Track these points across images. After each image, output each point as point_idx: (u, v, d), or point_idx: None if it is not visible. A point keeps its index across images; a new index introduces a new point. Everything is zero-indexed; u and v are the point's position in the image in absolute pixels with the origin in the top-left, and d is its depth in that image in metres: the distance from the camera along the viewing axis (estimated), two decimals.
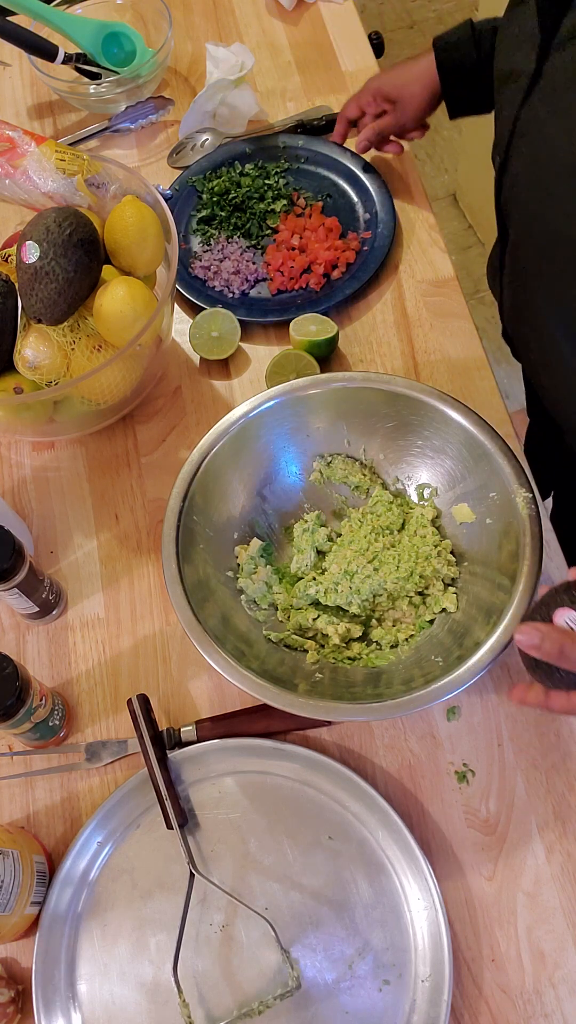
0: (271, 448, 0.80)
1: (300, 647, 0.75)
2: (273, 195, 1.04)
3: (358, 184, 1.04)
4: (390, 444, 0.81)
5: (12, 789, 0.75)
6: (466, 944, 0.66)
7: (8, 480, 0.91)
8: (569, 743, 0.72)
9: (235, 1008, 0.64)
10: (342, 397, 0.79)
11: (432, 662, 0.69)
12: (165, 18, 1.13)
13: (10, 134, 0.85)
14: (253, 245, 1.02)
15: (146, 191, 0.86)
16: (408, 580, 0.74)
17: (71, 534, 0.87)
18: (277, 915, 0.67)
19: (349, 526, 0.79)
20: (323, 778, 0.71)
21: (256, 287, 0.99)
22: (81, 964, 0.67)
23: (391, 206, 1.01)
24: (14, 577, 0.71)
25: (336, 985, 0.65)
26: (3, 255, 0.85)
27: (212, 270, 1.00)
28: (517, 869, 0.68)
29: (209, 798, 0.72)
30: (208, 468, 0.76)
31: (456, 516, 0.77)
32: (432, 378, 0.91)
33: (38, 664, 0.81)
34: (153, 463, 0.90)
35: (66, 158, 0.85)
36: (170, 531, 0.72)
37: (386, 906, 0.67)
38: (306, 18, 1.23)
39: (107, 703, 0.78)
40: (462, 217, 2.21)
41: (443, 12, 2.61)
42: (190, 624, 0.68)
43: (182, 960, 0.65)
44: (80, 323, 0.80)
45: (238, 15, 1.25)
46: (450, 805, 0.71)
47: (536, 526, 0.69)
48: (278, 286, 0.98)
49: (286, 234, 1.00)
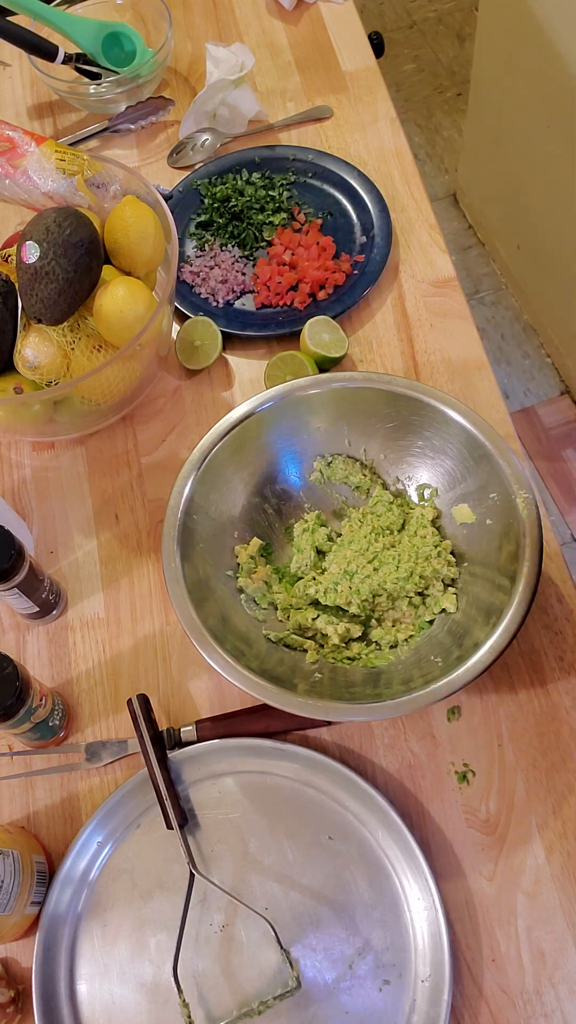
0: (271, 448, 0.80)
1: (299, 647, 0.75)
2: (274, 207, 1.04)
3: (361, 205, 1.02)
4: (390, 444, 0.81)
5: (12, 789, 0.75)
6: (466, 944, 0.66)
7: (8, 480, 0.91)
8: (569, 743, 0.72)
9: (235, 1008, 0.64)
10: (342, 397, 0.79)
11: (432, 662, 0.69)
12: (165, 18, 1.13)
13: (10, 134, 0.85)
14: (246, 256, 1.01)
15: (146, 191, 0.86)
16: (408, 580, 0.74)
17: (71, 534, 0.87)
18: (277, 915, 0.67)
19: (349, 526, 0.79)
20: (323, 778, 0.71)
21: (242, 298, 0.99)
22: (81, 964, 0.67)
23: (389, 231, 0.99)
24: (14, 577, 0.71)
25: (336, 985, 0.65)
26: (3, 255, 0.85)
27: (201, 276, 1.00)
28: (517, 869, 0.68)
29: (209, 798, 0.72)
30: (208, 468, 0.76)
31: (456, 517, 0.77)
32: (432, 378, 0.91)
33: (38, 664, 0.81)
34: (153, 463, 0.90)
35: (66, 158, 0.85)
36: (170, 531, 0.72)
37: (386, 906, 0.67)
38: (306, 18, 1.23)
39: (107, 703, 0.78)
40: (462, 217, 2.22)
41: (443, 12, 2.61)
42: (190, 624, 0.68)
43: (182, 960, 0.65)
44: (80, 323, 0.80)
45: (238, 15, 1.25)
46: (450, 805, 0.71)
47: (536, 527, 0.69)
48: (263, 300, 0.97)
49: (279, 248, 0.99)
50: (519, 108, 1.69)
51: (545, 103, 1.56)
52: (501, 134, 1.81)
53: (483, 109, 1.88)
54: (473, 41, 1.85)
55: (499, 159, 1.88)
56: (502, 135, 1.81)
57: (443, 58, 2.52)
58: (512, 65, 1.66)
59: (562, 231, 1.69)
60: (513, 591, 0.67)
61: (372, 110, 1.12)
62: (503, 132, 1.80)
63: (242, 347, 0.96)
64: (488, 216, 2.09)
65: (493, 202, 2.04)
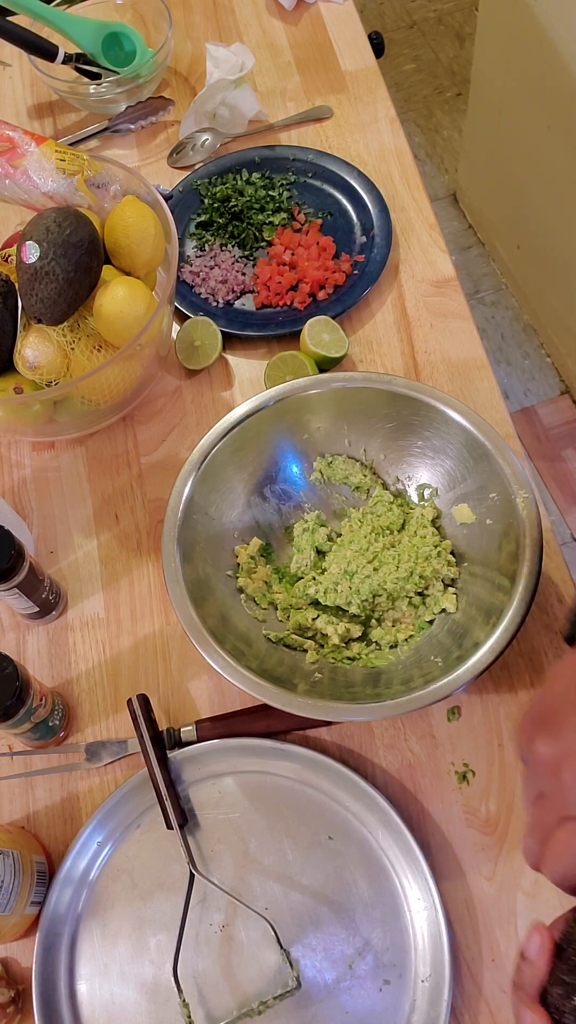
0: (271, 448, 0.80)
1: (299, 647, 0.75)
2: (274, 207, 1.04)
3: (361, 205, 1.02)
4: (390, 444, 0.81)
5: (12, 789, 0.75)
6: (466, 944, 0.66)
7: (8, 480, 0.91)
8: None
9: (235, 1008, 0.64)
10: (342, 397, 0.79)
11: (431, 662, 0.69)
12: (165, 18, 1.13)
13: (10, 134, 0.85)
14: (246, 256, 1.01)
15: (146, 191, 0.86)
16: (408, 580, 0.74)
17: (71, 534, 0.87)
18: (277, 915, 0.67)
19: (349, 526, 0.79)
20: (323, 778, 0.71)
21: (241, 298, 0.99)
22: (81, 964, 0.67)
23: (389, 231, 0.99)
24: (14, 577, 0.71)
25: (336, 985, 0.65)
26: (3, 255, 0.85)
27: (201, 276, 0.99)
28: (517, 869, 0.68)
29: (209, 798, 0.72)
30: (208, 468, 0.76)
31: (456, 517, 0.77)
32: (432, 378, 0.91)
33: (38, 664, 0.81)
34: (153, 463, 0.90)
35: (66, 158, 0.85)
36: (170, 531, 0.72)
37: (386, 906, 0.67)
38: (306, 18, 1.23)
39: (107, 703, 0.78)
40: (462, 217, 2.22)
41: (443, 12, 2.62)
42: (190, 624, 0.68)
43: (182, 960, 0.65)
44: (80, 323, 0.80)
45: (238, 15, 1.25)
46: (450, 805, 0.71)
47: (536, 527, 0.69)
48: (263, 300, 0.97)
49: (279, 248, 0.99)
50: (519, 108, 1.69)
51: (545, 103, 1.56)
52: (501, 134, 1.81)
53: (483, 109, 1.88)
54: (473, 41, 1.86)
55: (499, 159, 1.88)
56: (502, 135, 1.81)
57: (443, 58, 2.52)
58: (512, 65, 1.66)
59: (562, 231, 1.69)
60: (513, 591, 0.67)
61: (372, 110, 1.12)
62: (503, 132, 1.80)
63: (242, 347, 0.96)
64: (488, 216, 2.09)
65: (493, 202, 2.04)
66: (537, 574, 0.67)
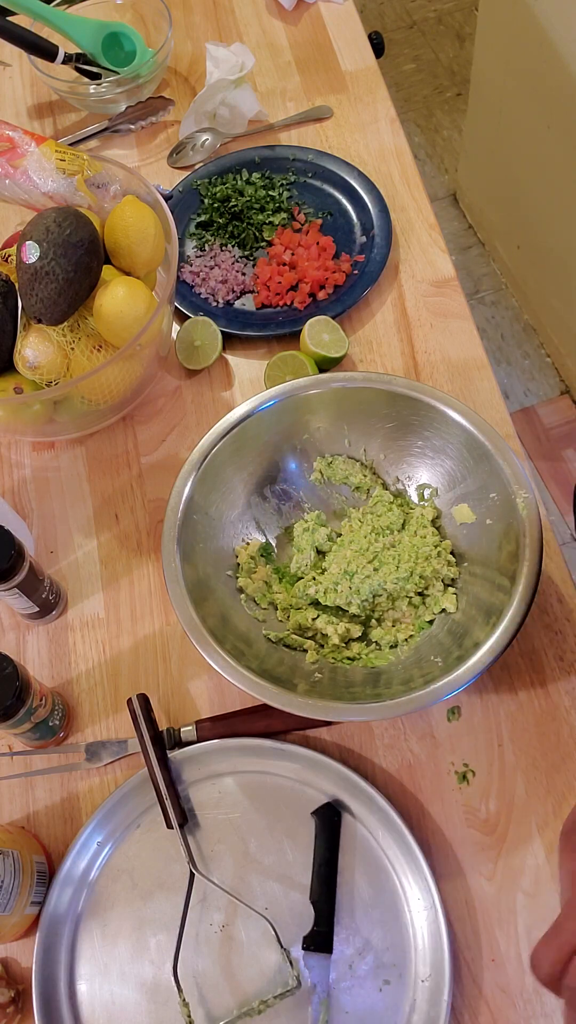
0: (271, 448, 0.80)
1: (299, 647, 0.75)
2: (274, 207, 1.04)
3: (361, 205, 1.02)
4: (390, 444, 0.81)
5: (12, 789, 0.75)
6: (466, 944, 0.66)
7: (8, 480, 0.91)
8: (569, 743, 0.72)
9: (235, 1008, 0.64)
10: (342, 397, 0.79)
11: (431, 662, 0.69)
12: (165, 18, 1.13)
13: (10, 134, 0.85)
14: (246, 256, 1.01)
15: (146, 191, 0.86)
16: (408, 580, 0.74)
17: (71, 534, 0.87)
18: (277, 915, 0.67)
19: (349, 526, 0.79)
20: (323, 778, 0.71)
21: (242, 298, 0.99)
22: (81, 964, 0.67)
23: (389, 231, 0.99)
24: (14, 577, 0.71)
25: (336, 985, 0.65)
26: (3, 255, 0.85)
27: (201, 276, 0.99)
28: (517, 869, 0.68)
29: (209, 798, 0.72)
30: (208, 468, 0.76)
31: (456, 517, 0.77)
32: (432, 378, 0.91)
33: (38, 664, 0.81)
34: (153, 463, 0.90)
35: (66, 158, 0.85)
36: (170, 531, 0.72)
37: (386, 906, 0.67)
38: (306, 18, 1.23)
39: (107, 703, 0.78)
40: (462, 217, 2.22)
41: (443, 12, 2.62)
42: (190, 624, 0.68)
43: (182, 960, 0.65)
44: (80, 323, 0.80)
45: (238, 15, 1.25)
46: (450, 805, 0.71)
47: (536, 527, 0.69)
48: (263, 300, 0.97)
49: (279, 248, 0.99)
50: (519, 108, 1.69)
51: (545, 103, 1.56)
52: (501, 134, 1.81)
53: (483, 109, 1.88)
54: (473, 41, 1.86)
55: (499, 159, 1.88)
56: (502, 135, 1.81)
57: (443, 58, 2.52)
58: (512, 65, 1.66)
59: (562, 231, 1.69)
60: (513, 591, 0.67)
61: (372, 110, 1.12)
62: (503, 132, 1.80)
63: (242, 347, 0.96)
64: (488, 216, 2.09)
65: (493, 202, 2.04)
66: (537, 574, 0.67)
